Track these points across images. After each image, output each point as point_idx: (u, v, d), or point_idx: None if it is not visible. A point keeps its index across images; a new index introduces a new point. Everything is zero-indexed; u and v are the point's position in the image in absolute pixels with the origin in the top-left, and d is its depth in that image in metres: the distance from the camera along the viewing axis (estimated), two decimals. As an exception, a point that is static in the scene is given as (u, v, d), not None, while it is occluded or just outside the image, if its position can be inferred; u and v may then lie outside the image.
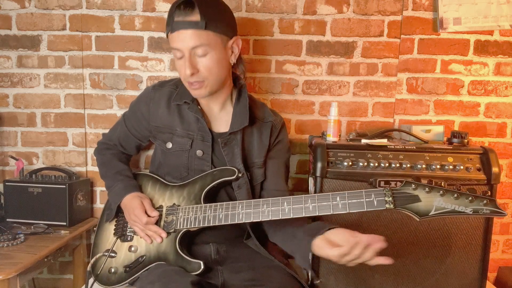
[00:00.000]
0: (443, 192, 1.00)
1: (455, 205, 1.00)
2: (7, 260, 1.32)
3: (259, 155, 1.34)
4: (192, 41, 1.15)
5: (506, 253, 1.81)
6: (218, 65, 1.20)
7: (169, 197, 1.30)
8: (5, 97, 1.79)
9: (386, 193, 1.05)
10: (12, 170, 1.83)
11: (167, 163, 1.35)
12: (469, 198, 0.99)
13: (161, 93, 1.34)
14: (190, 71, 1.17)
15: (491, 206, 0.98)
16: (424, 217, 1.01)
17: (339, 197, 1.08)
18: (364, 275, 1.33)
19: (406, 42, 1.71)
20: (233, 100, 1.35)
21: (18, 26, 1.75)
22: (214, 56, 1.18)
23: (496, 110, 1.74)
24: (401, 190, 1.05)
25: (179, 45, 1.16)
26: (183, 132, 1.31)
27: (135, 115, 1.40)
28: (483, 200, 0.99)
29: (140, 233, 1.26)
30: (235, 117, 1.30)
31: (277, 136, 1.36)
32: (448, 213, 1.00)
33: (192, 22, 1.13)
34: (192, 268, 1.16)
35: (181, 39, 1.15)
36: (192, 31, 1.14)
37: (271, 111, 1.40)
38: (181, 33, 1.15)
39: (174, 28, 1.15)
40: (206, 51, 1.17)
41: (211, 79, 1.21)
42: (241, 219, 1.14)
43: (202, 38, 1.15)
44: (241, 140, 1.30)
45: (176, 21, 1.15)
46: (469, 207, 0.99)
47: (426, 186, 1.02)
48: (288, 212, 1.11)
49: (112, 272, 1.25)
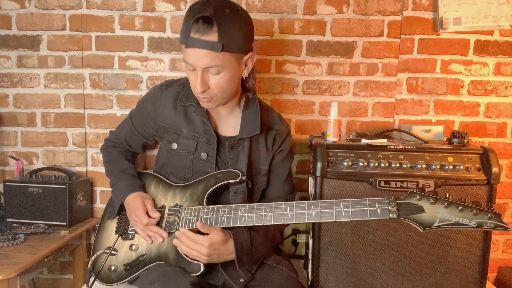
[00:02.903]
0: (448, 204, 1.01)
1: (459, 217, 1.00)
2: (7, 260, 1.32)
3: (265, 162, 1.34)
4: (206, 61, 1.11)
5: (506, 253, 1.81)
6: (230, 83, 1.18)
7: (172, 197, 1.30)
8: (5, 97, 1.79)
9: (390, 202, 1.05)
10: (12, 170, 1.83)
11: (171, 163, 1.35)
12: (473, 211, 0.99)
13: (168, 93, 1.33)
14: (202, 89, 1.15)
15: (495, 220, 0.98)
16: (427, 229, 1.02)
17: (343, 205, 1.08)
18: (364, 275, 1.33)
19: (406, 42, 1.71)
20: (241, 104, 1.33)
21: (18, 26, 1.75)
22: (227, 75, 1.16)
23: (496, 110, 1.74)
24: (405, 200, 1.05)
25: (193, 62, 1.13)
26: (188, 133, 1.30)
27: (142, 114, 1.39)
28: (488, 213, 0.99)
29: (141, 233, 1.26)
30: (245, 123, 1.29)
31: (280, 145, 1.36)
32: (452, 226, 1.01)
33: (209, 42, 1.08)
34: (192, 269, 1.16)
35: (195, 57, 1.11)
36: (208, 51, 1.09)
37: (278, 118, 1.39)
38: (196, 51, 1.10)
39: (189, 44, 1.10)
40: (219, 71, 1.14)
41: (220, 96, 1.20)
42: (243, 222, 1.14)
43: (217, 60, 1.11)
44: (248, 147, 1.29)
45: (192, 38, 1.09)
46: (473, 220, 0.99)
47: (431, 197, 1.02)
48: (290, 217, 1.11)
49: (112, 270, 1.26)
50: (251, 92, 1.32)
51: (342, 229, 1.32)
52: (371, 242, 1.32)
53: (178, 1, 1.71)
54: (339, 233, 1.32)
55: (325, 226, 1.32)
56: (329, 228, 1.32)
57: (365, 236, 1.32)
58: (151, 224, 1.22)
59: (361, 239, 1.32)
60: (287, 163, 1.41)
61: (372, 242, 1.32)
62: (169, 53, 1.74)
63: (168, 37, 1.73)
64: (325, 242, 1.33)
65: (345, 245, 1.32)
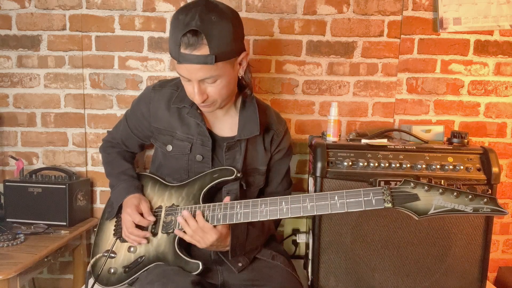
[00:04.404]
0: (443, 191, 0.99)
1: (454, 203, 0.98)
2: (7, 260, 1.32)
3: (263, 163, 1.34)
4: (201, 74, 1.09)
5: (506, 253, 1.81)
6: (227, 87, 1.17)
7: (168, 198, 1.30)
8: (5, 97, 1.79)
9: (384, 191, 1.04)
10: (12, 170, 1.83)
11: (167, 165, 1.34)
12: (469, 197, 0.97)
13: (161, 94, 1.33)
14: (201, 99, 1.14)
15: (491, 204, 0.97)
16: (423, 216, 1.00)
17: (337, 196, 1.07)
18: (364, 275, 1.33)
19: (406, 42, 1.71)
20: (238, 103, 1.33)
21: (18, 26, 1.75)
22: (224, 81, 1.14)
23: (496, 110, 1.74)
24: (399, 189, 1.04)
25: (187, 76, 1.12)
26: (182, 135, 1.30)
27: (136, 115, 1.39)
28: (484, 198, 0.98)
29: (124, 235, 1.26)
30: (243, 124, 1.28)
31: (278, 145, 1.36)
32: (448, 212, 0.99)
33: (201, 56, 1.06)
34: (191, 269, 1.16)
35: (190, 71, 1.10)
36: (201, 66, 1.07)
37: (275, 116, 1.39)
38: (189, 66, 1.08)
39: (181, 60, 1.08)
40: (215, 79, 1.13)
41: (220, 100, 1.20)
42: (239, 219, 1.14)
43: (212, 71, 1.09)
44: (244, 148, 1.29)
45: (182, 53, 1.07)
46: (469, 206, 0.98)
47: (425, 184, 1.01)
48: (286, 211, 1.10)
49: (111, 272, 1.26)
50: (249, 88, 1.31)
51: (342, 229, 1.32)
52: (371, 242, 1.32)
53: (178, 1, 1.71)
54: (339, 233, 1.32)
55: (325, 226, 1.32)
56: (329, 228, 1.32)
57: (365, 236, 1.32)
58: (143, 223, 1.23)
59: (361, 239, 1.32)
60: (286, 161, 1.42)
61: (372, 242, 1.32)
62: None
63: (168, 37, 1.73)
64: (325, 242, 1.33)
65: (345, 245, 1.32)
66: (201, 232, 1.13)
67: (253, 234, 1.24)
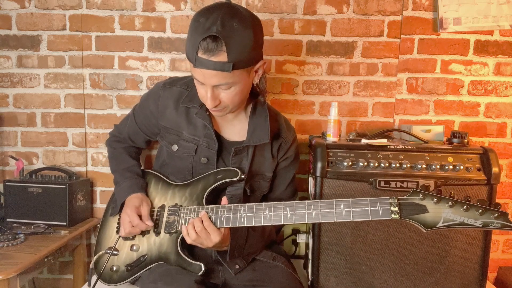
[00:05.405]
0: (452, 203, 0.96)
1: (464, 217, 0.95)
2: (7, 260, 1.32)
3: (270, 169, 1.33)
4: (216, 80, 1.08)
5: (506, 253, 1.81)
6: (241, 94, 1.16)
7: (171, 197, 1.30)
8: (5, 97, 1.79)
9: (392, 202, 1.02)
10: (12, 170, 1.83)
11: (172, 164, 1.34)
12: (479, 211, 0.94)
13: (171, 92, 1.31)
14: (213, 104, 1.13)
15: (502, 219, 0.93)
16: (431, 229, 0.98)
17: (343, 205, 1.05)
18: (364, 275, 1.33)
19: (406, 42, 1.71)
20: (248, 108, 1.31)
21: (18, 26, 1.75)
22: (238, 88, 1.13)
23: (496, 110, 1.74)
24: (408, 200, 1.01)
25: (202, 80, 1.10)
26: (188, 136, 1.29)
27: (144, 112, 1.38)
28: (494, 213, 0.94)
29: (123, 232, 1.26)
30: (252, 130, 1.26)
31: (285, 153, 1.35)
32: (457, 226, 0.96)
33: (218, 63, 1.04)
34: (193, 270, 1.16)
35: (205, 76, 1.08)
36: (217, 72, 1.05)
37: (285, 123, 1.38)
38: (205, 71, 1.06)
39: (197, 64, 1.06)
40: (230, 86, 1.11)
41: (232, 106, 1.19)
42: (243, 222, 1.12)
43: (227, 78, 1.08)
44: (252, 154, 1.28)
45: (200, 58, 1.04)
46: (479, 220, 0.94)
47: (434, 196, 0.98)
48: (290, 217, 1.09)
49: (114, 270, 1.26)
50: (262, 95, 1.29)
51: (342, 229, 1.32)
52: (371, 242, 1.32)
53: (178, 1, 1.71)
54: (339, 233, 1.32)
55: (325, 226, 1.32)
56: (329, 228, 1.32)
57: (365, 236, 1.32)
58: (140, 227, 1.23)
59: (361, 239, 1.32)
60: (292, 169, 1.41)
61: (372, 242, 1.32)
62: (169, 53, 1.74)
63: (168, 37, 1.73)
64: (325, 242, 1.33)
65: (345, 245, 1.32)
66: (206, 233, 1.12)
67: (253, 238, 1.24)
